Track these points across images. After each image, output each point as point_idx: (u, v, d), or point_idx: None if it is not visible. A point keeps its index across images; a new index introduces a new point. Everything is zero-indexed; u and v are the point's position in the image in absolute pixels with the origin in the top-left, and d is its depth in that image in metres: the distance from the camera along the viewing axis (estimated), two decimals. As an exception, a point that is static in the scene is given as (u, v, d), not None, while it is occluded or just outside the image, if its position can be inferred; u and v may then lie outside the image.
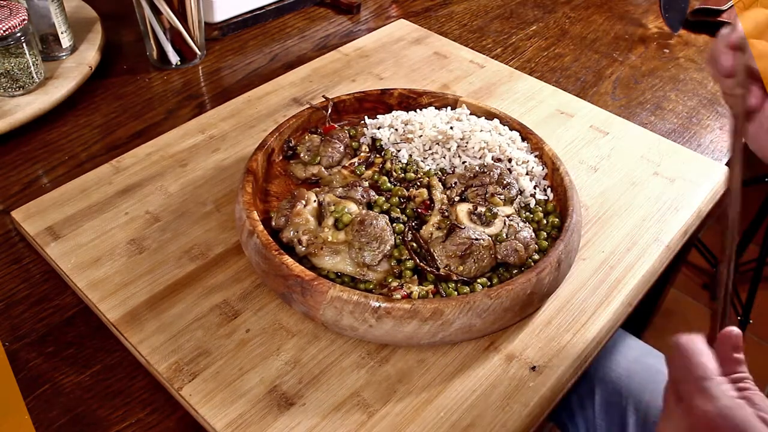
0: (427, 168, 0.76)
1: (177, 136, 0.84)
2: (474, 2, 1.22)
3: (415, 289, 0.60)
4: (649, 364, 0.79)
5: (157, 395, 0.59)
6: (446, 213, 0.67)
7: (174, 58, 0.99)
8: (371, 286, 0.63)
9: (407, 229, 0.66)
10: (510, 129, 0.80)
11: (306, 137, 0.78)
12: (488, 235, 0.65)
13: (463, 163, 0.76)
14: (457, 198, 0.70)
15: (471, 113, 0.82)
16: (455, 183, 0.72)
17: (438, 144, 0.77)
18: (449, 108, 0.83)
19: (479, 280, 0.63)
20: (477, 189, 0.70)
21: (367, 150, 0.78)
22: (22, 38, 0.84)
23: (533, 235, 0.67)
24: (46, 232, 0.71)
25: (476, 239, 0.63)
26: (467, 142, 0.77)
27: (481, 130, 0.78)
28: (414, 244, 0.65)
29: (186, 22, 0.96)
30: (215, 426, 0.54)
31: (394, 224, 0.66)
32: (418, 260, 0.63)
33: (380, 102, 0.85)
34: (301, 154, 0.77)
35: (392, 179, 0.74)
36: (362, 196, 0.69)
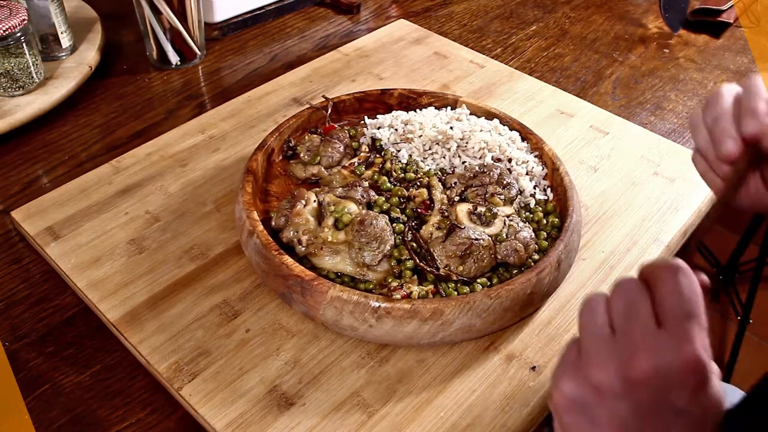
0: (427, 168, 0.76)
1: (177, 136, 0.84)
2: (474, 2, 1.22)
3: (415, 289, 0.60)
4: None
5: (157, 395, 0.59)
6: (446, 213, 0.67)
7: (174, 58, 0.99)
8: (371, 286, 0.63)
9: (407, 229, 0.66)
10: (510, 129, 0.80)
11: (306, 137, 0.78)
12: (488, 235, 0.65)
13: (463, 163, 0.76)
14: (457, 198, 0.70)
15: (471, 113, 0.82)
16: (455, 183, 0.72)
17: (438, 144, 0.77)
18: (449, 108, 0.83)
19: (479, 280, 0.63)
20: (477, 189, 0.70)
21: (367, 150, 0.78)
22: (22, 38, 0.84)
23: (533, 235, 0.67)
24: (46, 232, 0.71)
25: (476, 239, 0.63)
26: (467, 142, 0.77)
27: (481, 130, 0.78)
28: (414, 244, 0.65)
29: (186, 22, 0.96)
30: (215, 426, 0.54)
31: (394, 224, 0.66)
32: (418, 260, 0.63)
33: (380, 102, 0.85)
34: (301, 154, 0.77)
35: (392, 179, 0.74)
36: (362, 196, 0.69)
